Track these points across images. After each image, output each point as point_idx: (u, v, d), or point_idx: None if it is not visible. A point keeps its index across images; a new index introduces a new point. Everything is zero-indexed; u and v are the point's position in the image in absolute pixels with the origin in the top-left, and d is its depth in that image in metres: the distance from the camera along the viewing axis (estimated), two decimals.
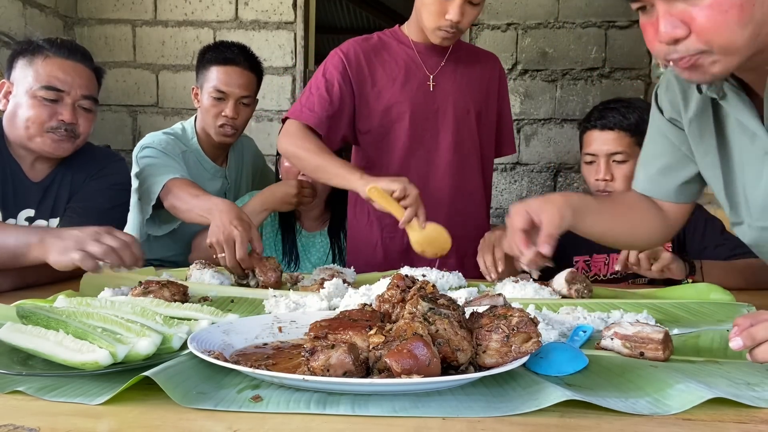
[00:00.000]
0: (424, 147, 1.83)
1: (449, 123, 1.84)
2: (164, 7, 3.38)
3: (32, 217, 1.64)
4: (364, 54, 1.82)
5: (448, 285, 1.42)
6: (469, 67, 1.88)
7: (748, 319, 0.81)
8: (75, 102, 1.61)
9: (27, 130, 1.58)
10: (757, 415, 0.68)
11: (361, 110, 1.82)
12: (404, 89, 1.81)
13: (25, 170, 1.65)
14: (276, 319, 0.96)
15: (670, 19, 0.96)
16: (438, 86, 1.83)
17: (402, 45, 1.85)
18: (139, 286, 1.19)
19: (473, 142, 1.89)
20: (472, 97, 1.87)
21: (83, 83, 1.63)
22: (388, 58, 1.83)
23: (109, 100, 3.36)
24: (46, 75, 1.58)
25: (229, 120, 2.06)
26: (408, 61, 1.83)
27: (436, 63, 1.84)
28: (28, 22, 2.96)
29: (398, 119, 1.81)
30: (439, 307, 0.76)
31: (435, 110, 1.83)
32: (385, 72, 1.82)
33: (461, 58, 1.88)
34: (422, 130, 1.82)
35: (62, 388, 0.71)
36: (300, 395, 0.70)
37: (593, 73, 3.28)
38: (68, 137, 1.61)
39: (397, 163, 1.83)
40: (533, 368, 0.80)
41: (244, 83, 2.07)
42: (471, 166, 1.89)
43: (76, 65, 1.63)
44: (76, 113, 1.61)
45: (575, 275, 1.38)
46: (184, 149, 2.10)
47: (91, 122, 1.68)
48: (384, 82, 1.81)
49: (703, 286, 1.39)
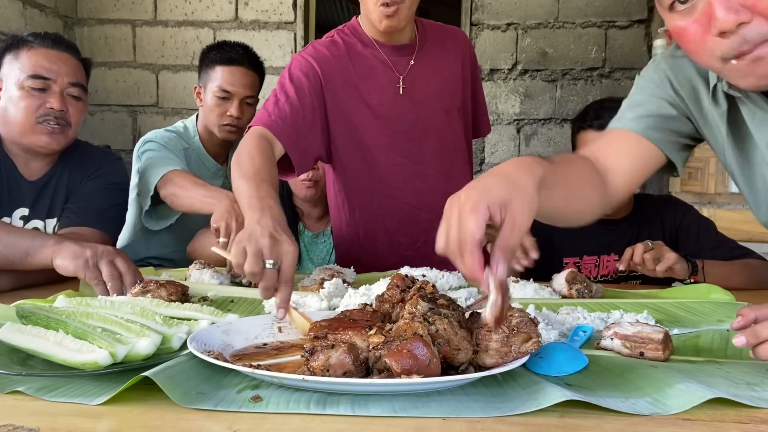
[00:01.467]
0: (408, 158, 1.72)
1: (430, 129, 1.73)
2: (164, 7, 3.38)
3: (27, 216, 1.64)
4: (336, 63, 1.66)
5: (448, 285, 1.42)
6: (439, 59, 1.74)
7: (753, 311, 0.80)
8: (63, 90, 1.61)
9: (19, 125, 1.58)
10: (757, 415, 0.68)
11: (335, 124, 1.68)
12: (378, 99, 1.68)
13: (20, 168, 1.65)
14: (276, 319, 0.96)
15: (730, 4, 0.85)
16: (409, 89, 1.69)
17: (367, 48, 1.70)
18: (138, 286, 1.19)
19: (459, 143, 1.81)
20: (449, 93, 1.76)
21: (69, 71, 1.63)
22: (359, 65, 1.68)
23: (109, 100, 3.36)
24: (32, 65, 1.59)
25: (234, 119, 2.08)
26: (378, 65, 1.69)
27: (405, 63, 1.70)
28: (28, 22, 2.96)
29: (374, 132, 1.69)
30: (438, 307, 0.76)
31: (413, 119, 1.71)
32: (357, 81, 1.67)
33: (430, 50, 1.73)
34: (403, 140, 1.71)
35: (62, 388, 0.71)
36: (300, 395, 0.70)
37: (593, 73, 3.29)
38: (60, 128, 1.60)
39: (382, 179, 1.73)
40: (533, 368, 0.80)
41: (249, 83, 2.09)
42: (460, 169, 1.82)
43: (61, 54, 1.63)
44: (65, 101, 1.61)
45: (575, 275, 1.38)
46: (186, 147, 2.11)
47: (81, 112, 1.67)
48: (355, 93, 1.67)
49: (703, 286, 1.39)
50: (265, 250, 0.97)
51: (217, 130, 2.11)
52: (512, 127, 3.34)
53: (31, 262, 1.33)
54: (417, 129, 1.72)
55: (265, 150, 1.40)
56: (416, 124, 1.72)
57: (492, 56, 3.32)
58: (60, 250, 1.28)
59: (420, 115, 1.72)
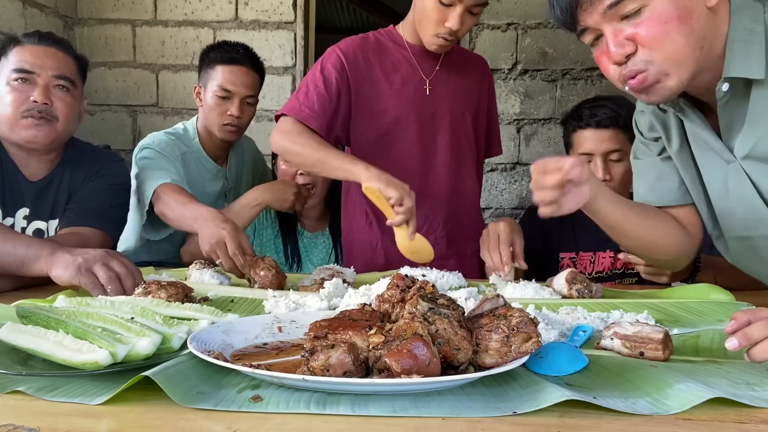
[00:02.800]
0: (423, 149, 1.83)
1: (446, 125, 1.83)
2: (164, 7, 3.38)
3: (29, 216, 1.64)
4: (362, 54, 1.80)
5: (448, 285, 1.42)
6: (461, 73, 1.88)
7: (746, 314, 0.81)
8: (48, 83, 1.61)
9: (6, 120, 1.58)
10: (757, 415, 0.68)
11: (358, 112, 1.80)
12: (402, 92, 1.80)
13: (22, 169, 1.65)
14: (276, 319, 0.96)
15: (618, 40, 1.04)
16: (434, 90, 1.83)
17: (398, 47, 1.83)
18: (140, 287, 1.18)
19: (469, 144, 1.89)
20: (466, 101, 1.88)
21: (55, 65, 1.62)
22: (386, 59, 1.82)
23: (109, 100, 3.36)
24: (17, 60, 1.59)
25: (234, 119, 2.07)
26: (404, 63, 1.82)
27: (431, 67, 1.83)
28: (28, 22, 2.96)
29: (397, 122, 1.80)
30: (438, 307, 0.76)
31: (432, 113, 1.82)
32: (383, 74, 1.80)
33: (454, 63, 1.87)
34: (420, 132, 1.82)
35: (62, 388, 0.71)
36: (300, 395, 0.70)
37: (593, 73, 3.28)
38: (44, 121, 1.59)
39: (395, 165, 1.80)
40: (533, 368, 0.80)
41: (249, 83, 2.09)
42: (467, 166, 1.90)
43: (48, 49, 1.63)
44: (49, 93, 1.60)
45: (575, 275, 1.38)
46: (185, 150, 2.10)
47: (70, 106, 1.66)
48: (382, 85, 1.80)
49: (703, 286, 1.39)
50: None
51: (218, 130, 2.10)
52: (512, 127, 3.33)
53: (27, 271, 1.31)
54: (434, 124, 1.83)
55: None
56: (434, 120, 1.82)
57: (492, 56, 3.31)
58: (53, 262, 1.26)
59: (439, 112, 1.82)
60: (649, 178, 1.34)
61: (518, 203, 3.34)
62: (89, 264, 1.22)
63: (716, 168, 1.19)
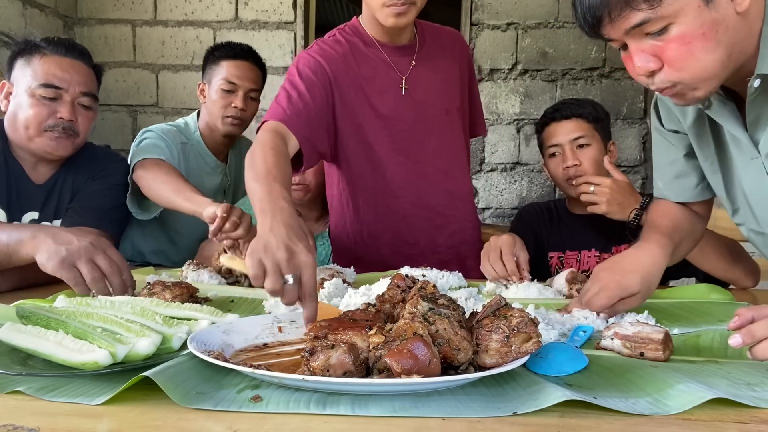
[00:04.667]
0: (410, 157, 1.73)
1: (430, 128, 1.74)
2: (164, 7, 3.38)
3: (36, 219, 1.64)
4: (341, 60, 1.67)
5: (448, 285, 1.42)
6: (439, 60, 1.76)
7: (750, 311, 0.80)
8: (74, 99, 1.61)
9: (26, 131, 1.58)
10: (757, 415, 0.68)
11: (342, 122, 1.68)
12: (381, 99, 1.69)
13: (28, 172, 1.65)
14: (276, 319, 0.96)
15: (642, 55, 1.02)
16: (411, 89, 1.71)
17: (369, 48, 1.70)
18: (146, 288, 1.18)
19: (458, 142, 1.83)
20: (448, 94, 1.78)
21: (82, 80, 1.62)
22: (361, 64, 1.69)
23: (109, 100, 3.36)
24: (44, 73, 1.58)
25: (239, 111, 2.09)
26: (379, 64, 1.70)
27: (406, 63, 1.71)
28: (28, 22, 2.96)
29: (377, 131, 1.70)
30: (439, 307, 0.76)
31: (413, 119, 1.72)
32: (361, 81, 1.68)
33: (430, 51, 1.75)
34: (404, 139, 1.72)
35: (62, 388, 0.71)
36: (300, 395, 0.70)
37: (593, 73, 3.28)
38: (66, 135, 1.60)
39: (385, 178, 1.73)
40: (533, 368, 0.80)
41: (253, 77, 2.13)
42: (460, 167, 1.84)
43: (74, 62, 1.63)
44: (75, 111, 1.61)
45: (575, 275, 1.38)
46: (185, 141, 2.12)
47: (91, 120, 1.67)
48: (360, 92, 1.68)
49: (703, 286, 1.39)
50: (282, 265, 0.93)
51: (221, 123, 2.11)
52: (512, 127, 3.34)
53: (15, 260, 1.27)
54: (418, 128, 1.74)
55: (278, 147, 1.39)
56: (417, 124, 1.73)
57: (492, 56, 3.31)
58: (37, 246, 1.20)
59: (421, 114, 1.73)
60: (667, 176, 1.35)
61: (518, 203, 3.34)
62: (73, 259, 1.16)
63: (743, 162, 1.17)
